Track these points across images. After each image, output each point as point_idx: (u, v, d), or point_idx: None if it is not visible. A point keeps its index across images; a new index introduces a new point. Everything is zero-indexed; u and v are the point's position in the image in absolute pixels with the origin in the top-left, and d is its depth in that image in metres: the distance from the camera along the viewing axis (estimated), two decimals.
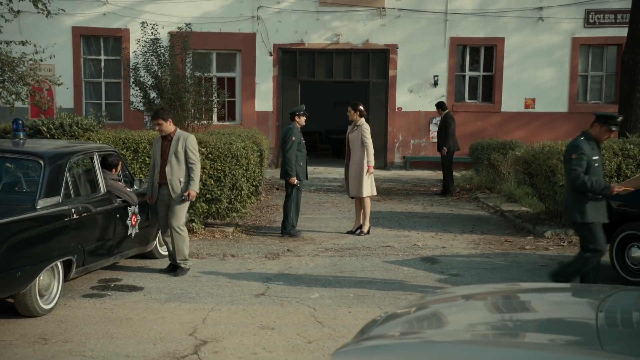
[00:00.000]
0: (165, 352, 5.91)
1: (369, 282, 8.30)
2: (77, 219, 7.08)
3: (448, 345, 3.15)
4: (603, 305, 3.48)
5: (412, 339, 3.35)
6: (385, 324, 3.71)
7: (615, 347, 2.99)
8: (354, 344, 3.42)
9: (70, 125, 10.55)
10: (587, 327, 3.23)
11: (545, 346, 3.04)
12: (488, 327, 3.45)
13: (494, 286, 4.58)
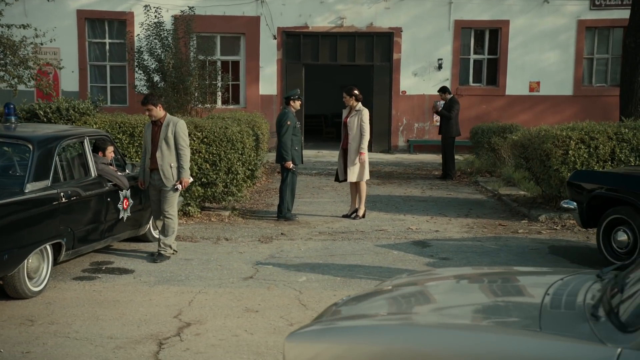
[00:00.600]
0: (148, 334, 6.01)
1: (357, 265, 8.37)
2: (66, 202, 7.18)
3: (393, 329, 3.22)
4: (552, 288, 3.54)
5: (361, 322, 3.42)
6: (343, 307, 3.78)
7: (553, 329, 3.06)
8: (307, 326, 3.49)
9: (67, 109, 10.64)
10: (531, 310, 3.29)
11: (482, 327, 3.12)
12: (437, 310, 3.53)
13: (456, 270, 4.65)
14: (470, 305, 3.58)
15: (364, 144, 11.10)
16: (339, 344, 3.27)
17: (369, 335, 3.26)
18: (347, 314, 3.64)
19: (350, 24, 21.44)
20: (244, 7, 21.38)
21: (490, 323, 3.23)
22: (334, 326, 3.43)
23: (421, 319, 3.37)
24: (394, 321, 3.37)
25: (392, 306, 3.71)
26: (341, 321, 3.50)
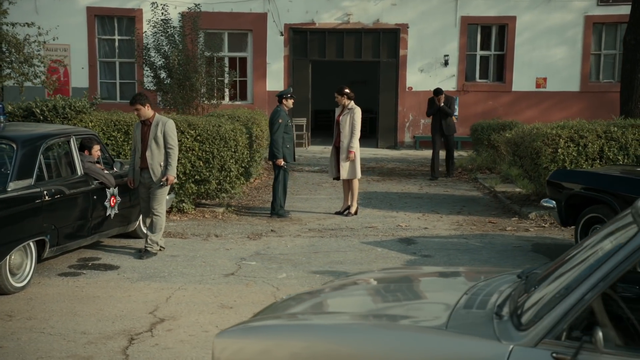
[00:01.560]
0: (121, 330, 6.19)
1: (339, 262, 8.50)
2: (49, 200, 7.37)
3: (312, 328, 3.37)
4: (473, 288, 3.66)
5: (286, 321, 3.56)
6: (280, 305, 3.92)
7: (458, 327, 3.19)
8: (238, 325, 3.64)
9: (63, 108, 10.83)
10: (444, 309, 3.41)
11: (392, 326, 3.26)
12: (358, 310, 3.67)
13: (392, 270, 4.79)
14: (392, 306, 3.72)
15: (354, 142, 11.22)
16: (262, 340, 3.43)
17: (290, 333, 3.41)
18: (279, 312, 3.78)
19: (356, 21, 21.52)
20: (252, 3, 21.53)
21: (403, 322, 3.37)
22: (260, 324, 3.58)
23: (340, 319, 3.50)
24: (316, 320, 3.51)
25: (321, 306, 3.85)
26: (269, 319, 3.65)
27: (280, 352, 3.32)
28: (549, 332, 2.96)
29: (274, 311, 3.84)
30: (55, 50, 21.79)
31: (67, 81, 21.94)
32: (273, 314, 3.77)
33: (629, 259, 2.96)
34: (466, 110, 21.30)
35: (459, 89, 21.50)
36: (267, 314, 3.81)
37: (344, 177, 11.29)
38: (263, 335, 3.45)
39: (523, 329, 3.05)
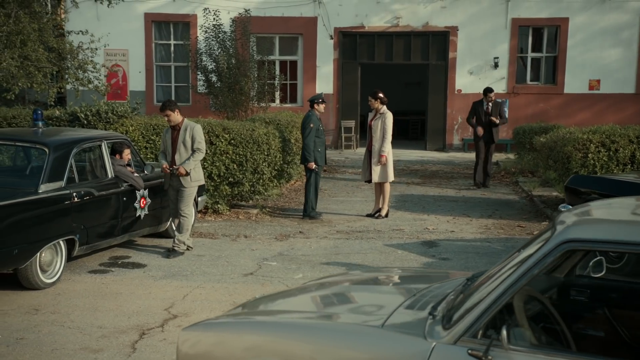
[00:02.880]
0: (135, 325, 6.57)
1: (356, 265, 8.73)
2: (78, 202, 7.83)
3: (261, 324, 3.66)
4: (423, 290, 3.88)
5: (242, 318, 3.86)
6: (248, 304, 4.22)
7: (394, 326, 3.42)
8: (201, 321, 3.95)
9: (106, 112, 11.36)
10: (388, 310, 3.64)
11: (332, 324, 3.53)
12: (311, 309, 3.95)
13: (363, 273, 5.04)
14: (343, 306, 3.98)
15: (385, 146, 11.41)
16: (218, 333, 3.75)
17: (243, 328, 3.72)
18: (245, 309, 4.08)
19: (406, 24, 21.65)
20: (302, 8, 21.89)
21: (345, 320, 3.64)
22: (218, 321, 3.89)
23: (290, 317, 3.78)
24: (268, 318, 3.81)
25: (280, 305, 4.12)
26: (228, 317, 3.95)
27: (232, 343, 3.63)
28: (466, 331, 3.18)
29: (242, 308, 4.14)
30: (115, 55, 22.66)
31: (125, 85, 22.74)
32: (237, 311, 4.06)
33: (537, 265, 3.15)
34: (516, 112, 21.19)
35: (509, 91, 21.41)
36: (231, 312, 4.11)
37: (376, 181, 11.49)
38: (219, 329, 3.77)
39: (447, 328, 3.27)
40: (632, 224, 3.29)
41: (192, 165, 8.97)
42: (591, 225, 3.31)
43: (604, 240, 3.13)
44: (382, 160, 11.36)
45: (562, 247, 3.15)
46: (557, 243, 3.16)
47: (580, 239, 3.15)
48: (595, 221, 3.39)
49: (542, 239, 3.30)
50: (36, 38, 14.44)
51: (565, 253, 3.18)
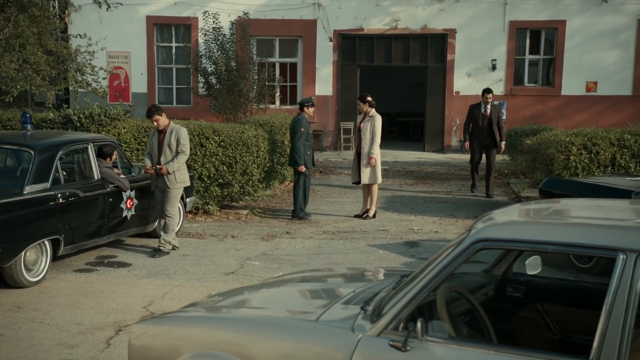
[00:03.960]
0: (112, 322, 6.80)
1: (337, 263, 8.94)
2: (63, 202, 8.07)
3: (203, 318, 3.89)
4: (362, 287, 4.09)
5: (186, 313, 4.09)
6: (200, 301, 4.44)
7: (328, 319, 3.64)
8: (151, 317, 4.17)
9: (99, 115, 11.62)
10: (326, 304, 3.85)
11: (267, 317, 3.75)
12: (254, 304, 4.18)
13: (316, 271, 5.26)
14: (286, 302, 4.20)
15: (375, 148, 11.59)
16: (161, 326, 4.01)
17: (186, 322, 3.96)
18: (200, 305, 4.31)
19: (404, 26, 21.83)
20: (302, 10, 22.10)
21: (284, 315, 3.85)
22: (165, 315, 4.13)
23: (231, 312, 4.01)
24: (210, 313, 4.03)
25: (228, 300, 4.33)
26: (176, 312, 4.19)
27: (175, 334, 3.88)
28: (389, 324, 3.40)
29: (192, 305, 4.37)
30: (117, 58, 22.98)
31: (127, 87, 23.04)
32: (188, 307, 4.30)
33: (452, 263, 3.36)
34: (514, 114, 21.34)
35: (506, 93, 21.56)
36: (185, 307, 4.34)
37: (365, 182, 11.68)
38: (165, 323, 4.03)
39: (373, 321, 3.48)
40: (541, 225, 3.49)
41: (176, 166, 9.18)
42: (502, 226, 3.51)
43: (513, 239, 3.33)
44: (371, 162, 11.53)
45: (475, 246, 3.35)
46: (471, 242, 3.36)
47: (491, 239, 3.35)
48: (507, 222, 3.58)
49: (460, 239, 3.50)
50: (35, 41, 14.72)
51: (479, 251, 3.37)
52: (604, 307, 3.04)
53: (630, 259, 3.04)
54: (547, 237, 3.26)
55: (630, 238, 3.12)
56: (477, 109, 13.97)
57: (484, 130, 13.76)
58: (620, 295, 3.03)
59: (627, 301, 3.01)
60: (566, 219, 3.61)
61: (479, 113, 13.90)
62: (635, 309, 3.00)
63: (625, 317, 2.99)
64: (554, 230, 3.33)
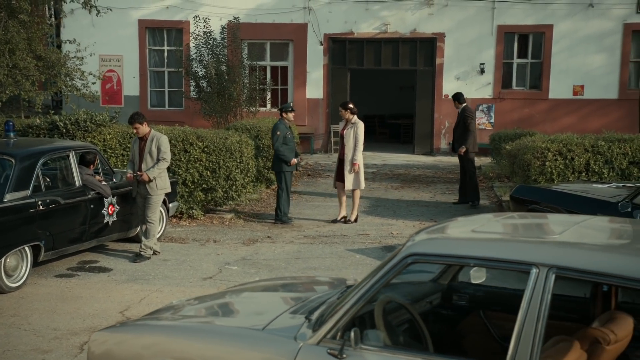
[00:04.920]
0: (88, 327, 6.99)
1: (313, 268, 9.14)
2: (44, 210, 8.26)
3: (159, 327, 4.09)
4: (314, 296, 4.28)
5: (144, 321, 4.28)
6: (160, 308, 4.64)
7: (274, 329, 3.83)
8: (111, 325, 4.37)
9: (84, 121, 11.81)
10: (275, 313, 4.05)
11: (216, 326, 3.95)
12: (208, 313, 4.37)
13: (274, 280, 5.46)
14: (239, 310, 4.40)
15: (357, 155, 11.72)
16: (122, 334, 4.19)
17: (143, 330, 4.16)
18: (157, 313, 4.51)
19: (394, 30, 22.02)
20: (292, 14, 22.30)
21: (235, 324, 4.05)
22: (126, 323, 4.33)
23: (184, 321, 4.20)
24: (165, 322, 4.23)
25: (184, 310, 4.53)
26: (138, 320, 4.39)
27: (132, 343, 4.07)
28: (327, 333, 3.60)
29: (153, 313, 4.57)
30: (109, 61, 23.18)
31: (119, 90, 23.24)
32: (148, 315, 4.50)
33: (386, 275, 3.56)
34: (502, 117, 21.56)
35: (495, 96, 21.76)
36: (144, 315, 4.54)
37: (349, 188, 11.80)
38: (122, 331, 4.24)
39: (315, 330, 3.68)
40: (465, 240, 3.69)
41: (156, 173, 9.37)
42: (430, 241, 3.70)
43: (440, 254, 3.54)
44: (354, 168, 11.67)
45: (406, 260, 3.55)
46: (402, 257, 3.56)
47: (420, 253, 3.55)
48: (435, 238, 3.78)
49: (395, 253, 3.70)
50: (25, 47, 14.91)
51: (410, 265, 3.57)
52: (519, 317, 3.25)
53: (542, 272, 3.25)
54: (469, 252, 3.47)
55: (542, 253, 3.32)
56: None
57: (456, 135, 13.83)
58: (532, 306, 3.23)
59: (539, 312, 3.21)
60: (489, 235, 3.81)
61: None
62: (545, 318, 3.21)
63: (536, 326, 3.20)
64: (476, 245, 3.54)
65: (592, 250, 3.45)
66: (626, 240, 3.86)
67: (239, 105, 19.81)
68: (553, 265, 3.25)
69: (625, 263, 3.19)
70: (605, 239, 3.84)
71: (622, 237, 3.91)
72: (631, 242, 3.82)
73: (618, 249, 3.55)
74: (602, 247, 3.57)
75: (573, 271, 3.23)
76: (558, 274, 3.24)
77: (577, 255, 3.32)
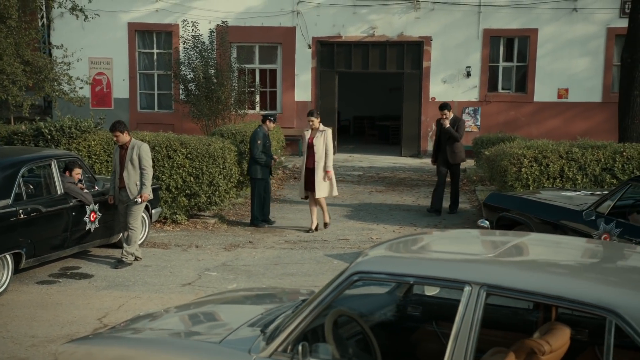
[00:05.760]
0: (66, 334, 7.17)
1: (291, 274, 9.33)
2: (25, 218, 8.44)
3: (121, 338, 4.29)
4: (271, 309, 4.47)
5: (113, 333, 4.48)
6: (135, 319, 4.84)
7: (230, 342, 4.01)
8: (80, 337, 4.57)
9: (69, 128, 11.98)
10: (233, 326, 4.23)
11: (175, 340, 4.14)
12: (171, 326, 4.57)
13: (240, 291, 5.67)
14: (202, 323, 4.61)
15: (330, 162, 11.72)
16: (90, 346, 4.38)
17: (109, 342, 4.35)
18: (123, 325, 4.70)
19: (381, 34, 22.20)
20: (281, 18, 22.46)
21: (193, 337, 4.24)
22: (91, 336, 4.52)
23: (146, 333, 4.40)
24: (127, 334, 4.42)
25: (148, 322, 4.71)
26: (105, 332, 4.59)
27: (98, 355, 4.25)
28: (279, 346, 3.79)
29: (123, 325, 4.77)
30: (99, 64, 23.33)
31: (109, 92, 23.39)
32: (117, 327, 4.70)
33: (333, 292, 3.76)
34: (488, 120, 21.78)
35: (481, 99, 21.97)
36: (114, 327, 4.74)
37: (322, 196, 11.77)
38: (89, 343, 4.42)
39: (268, 343, 3.87)
40: (406, 259, 3.89)
41: (149, 187, 9.60)
42: (374, 260, 3.90)
43: (382, 272, 3.74)
44: (328, 175, 11.76)
45: (352, 277, 3.75)
46: (348, 275, 3.76)
47: (365, 271, 3.75)
48: (379, 256, 3.97)
49: (343, 270, 3.90)
50: (12, 52, 15.09)
51: (356, 282, 3.76)
52: (453, 331, 3.45)
53: (475, 290, 3.45)
54: (409, 270, 3.67)
55: (475, 272, 3.53)
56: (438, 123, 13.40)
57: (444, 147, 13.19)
58: (465, 321, 3.43)
59: (471, 326, 3.42)
60: (429, 254, 4.01)
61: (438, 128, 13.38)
62: (477, 333, 3.41)
63: (469, 340, 3.40)
64: (416, 264, 3.75)
65: (520, 269, 3.65)
66: (554, 259, 4.07)
67: (227, 108, 20.00)
68: (484, 283, 3.45)
69: (546, 281, 3.40)
70: (536, 257, 4.04)
71: (553, 255, 4.11)
72: (558, 261, 4.03)
73: (543, 267, 3.75)
74: (529, 266, 3.78)
75: (502, 289, 3.44)
76: (489, 291, 3.44)
77: (505, 274, 3.52)
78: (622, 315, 3.12)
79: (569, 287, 3.32)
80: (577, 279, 3.51)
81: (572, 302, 3.29)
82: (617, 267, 3.94)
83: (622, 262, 4.01)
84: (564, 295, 3.29)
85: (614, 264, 4.00)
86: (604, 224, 7.34)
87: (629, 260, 4.05)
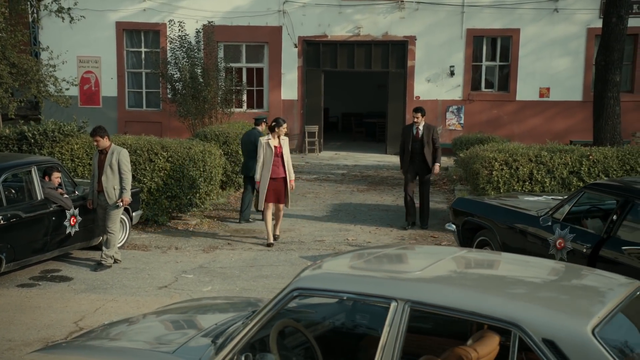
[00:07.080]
0: (42, 337, 7.46)
1: (265, 276, 9.63)
2: (4, 224, 8.73)
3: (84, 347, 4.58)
4: (227, 319, 4.76)
5: (77, 342, 4.77)
6: (98, 328, 5.14)
7: (182, 352, 4.30)
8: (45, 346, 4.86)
9: (52, 131, 12.24)
10: (189, 336, 4.52)
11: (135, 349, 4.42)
12: (133, 337, 4.85)
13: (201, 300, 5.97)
14: (159, 332, 4.89)
15: (292, 171, 11.55)
16: (53, 356, 4.66)
17: (71, 351, 4.63)
18: (87, 334, 5.00)
19: (366, 33, 22.49)
20: (267, 17, 22.72)
21: (148, 347, 4.52)
22: (56, 345, 4.81)
23: (108, 343, 4.69)
24: (91, 342, 4.72)
25: (111, 331, 5.01)
26: (71, 341, 4.88)
27: None
28: (226, 357, 4.07)
29: (85, 334, 5.06)
30: (87, 62, 23.59)
31: (97, 91, 23.64)
32: (79, 337, 4.99)
33: (275, 307, 4.05)
34: (471, 118, 22.11)
35: (464, 98, 22.29)
36: (74, 337, 5.04)
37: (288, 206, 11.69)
38: (53, 352, 4.69)
39: (217, 353, 4.16)
40: (344, 276, 4.17)
41: (129, 191, 9.87)
42: (312, 277, 4.19)
43: (319, 288, 4.04)
44: (292, 185, 11.52)
45: (292, 293, 4.04)
46: (289, 290, 4.06)
47: (304, 287, 4.04)
48: (316, 273, 4.25)
49: (286, 285, 4.19)
50: None
51: (296, 298, 4.06)
52: (380, 343, 3.75)
53: (400, 306, 3.75)
54: (343, 287, 3.96)
55: (400, 289, 3.83)
56: (409, 131, 12.52)
57: (416, 156, 12.30)
58: (391, 334, 3.73)
59: (396, 339, 3.72)
60: (361, 271, 4.30)
61: (409, 136, 12.40)
62: (402, 346, 3.71)
63: (394, 350, 3.70)
64: (348, 281, 4.04)
65: (441, 285, 3.96)
66: (476, 276, 4.37)
67: (213, 107, 20.28)
68: (408, 299, 3.75)
69: (461, 298, 3.70)
70: (459, 274, 4.34)
71: (476, 272, 4.41)
72: (478, 277, 4.33)
73: (462, 284, 4.05)
74: (450, 283, 4.08)
75: (424, 304, 3.74)
76: (412, 307, 3.75)
77: (427, 291, 3.83)
78: (524, 329, 3.43)
79: (481, 303, 3.63)
80: (489, 295, 3.81)
81: (483, 317, 3.60)
82: (529, 283, 4.24)
83: (536, 279, 4.31)
84: (476, 311, 3.60)
85: (529, 279, 4.31)
86: (559, 229, 7.64)
87: (545, 276, 4.36)
